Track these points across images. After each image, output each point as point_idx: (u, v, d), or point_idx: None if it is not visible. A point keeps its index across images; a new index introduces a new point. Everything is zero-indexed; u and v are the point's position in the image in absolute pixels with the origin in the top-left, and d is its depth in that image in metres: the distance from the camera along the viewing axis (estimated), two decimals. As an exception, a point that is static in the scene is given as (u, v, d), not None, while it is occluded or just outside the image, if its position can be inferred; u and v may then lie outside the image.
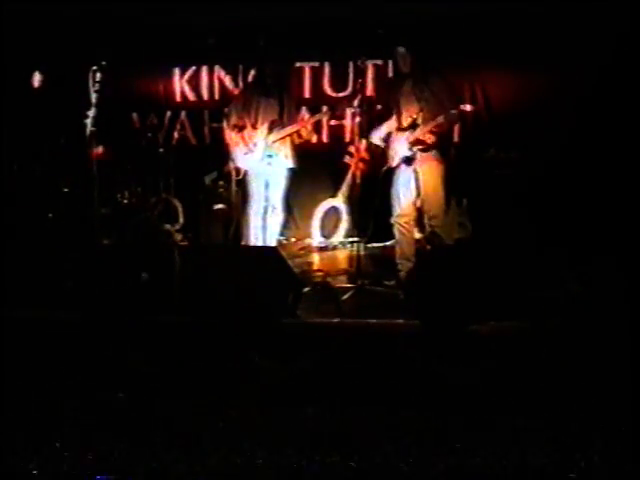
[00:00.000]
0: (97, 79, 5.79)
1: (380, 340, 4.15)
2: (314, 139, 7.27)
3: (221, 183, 6.87)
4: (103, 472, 2.80)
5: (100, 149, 6.21)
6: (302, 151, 6.29)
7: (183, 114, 7.58)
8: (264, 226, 6.17)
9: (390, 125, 5.79)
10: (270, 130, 6.00)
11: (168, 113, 7.55)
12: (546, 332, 4.02)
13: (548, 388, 3.53)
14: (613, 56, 6.43)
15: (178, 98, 7.59)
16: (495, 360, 3.77)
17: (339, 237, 7.14)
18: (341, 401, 3.56)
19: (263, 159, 6.02)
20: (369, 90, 6.99)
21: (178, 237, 6.90)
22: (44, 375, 3.90)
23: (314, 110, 7.12)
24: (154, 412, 3.45)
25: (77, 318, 4.47)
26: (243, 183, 6.22)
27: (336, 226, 7.17)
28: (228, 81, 7.50)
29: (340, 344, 4.08)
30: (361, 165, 6.29)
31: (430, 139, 5.54)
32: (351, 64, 7.14)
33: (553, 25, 6.60)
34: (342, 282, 5.70)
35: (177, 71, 7.56)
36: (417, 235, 7.03)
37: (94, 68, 5.97)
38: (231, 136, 6.07)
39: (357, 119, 6.07)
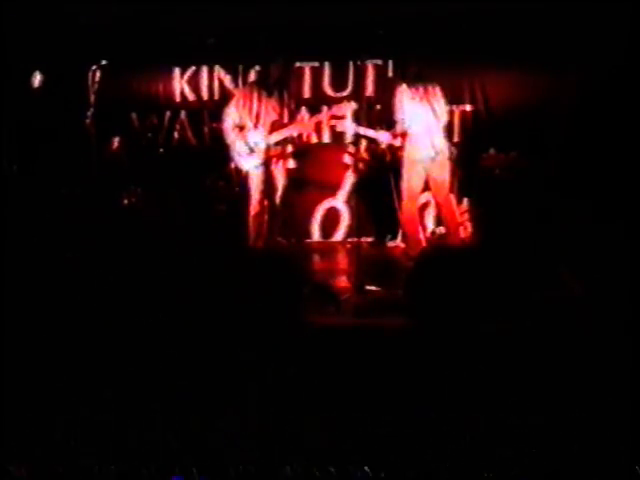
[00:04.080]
0: (97, 79, 5.79)
1: (380, 340, 4.15)
2: (314, 139, 7.29)
3: (221, 183, 6.88)
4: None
5: (116, 142, 6.22)
6: (302, 151, 6.30)
7: (183, 114, 7.58)
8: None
9: None
10: (270, 130, 6.00)
11: (168, 113, 7.55)
12: (546, 333, 4.02)
13: (549, 388, 3.53)
14: (613, 56, 6.43)
15: (178, 98, 7.59)
16: (495, 360, 3.77)
17: (339, 237, 7.15)
18: (340, 401, 3.56)
19: (263, 159, 6.02)
20: (369, 90, 7.02)
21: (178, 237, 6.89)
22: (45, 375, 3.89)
23: (314, 110, 7.13)
24: (154, 412, 3.44)
25: (78, 317, 4.46)
26: (243, 183, 6.23)
27: (336, 226, 7.18)
28: (228, 81, 7.51)
29: (340, 344, 4.08)
30: (361, 165, 6.30)
31: None
32: (351, 64, 7.15)
33: (553, 25, 6.61)
34: (342, 282, 5.71)
35: (177, 71, 7.56)
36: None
37: (94, 68, 5.98)
38: (231, 136, 6.07)
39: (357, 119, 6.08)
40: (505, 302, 4.33)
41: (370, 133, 6.16)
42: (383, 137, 6.11)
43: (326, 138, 7.45)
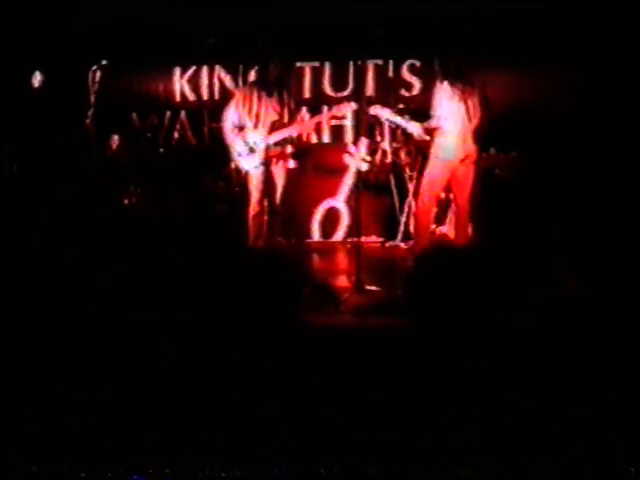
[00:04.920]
0: (97, 79, 5.79)
1: (380, 340, 4.15)
2: (314, 139, 7.30)
3: (221, 183, 6.88)
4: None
5: (115, 140, 6.21)
6: (302, 151, 6.30)
7: (183, 114, 7.59)
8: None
9: None
10: (270, 130, 6.00)
11: (168, 113, 7.56)
12: (547, 333, 4.02)
13: (548, 387, 3.53)
14: (613, 55, 6.43)
15: (178, 98, 7.60)
16: (495, 360, 3.77)
17: (339, 237, 7.15)
18: (340, 400, 3.56)
19: (263, 159, 6.02)
20: (369, 90, 7.02)
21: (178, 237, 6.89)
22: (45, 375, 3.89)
23: (314, 110, 7.13)
24: (154, 412, 3.44)
25: (78, 317, 4.46)
26: (243, 183, 6.22)
27: (336, 226, 7.18)
28: (228, 81, 7.51)
29: (340, 344, 4.08)
30: (361, 165, 6.30)
31: None
32: (351, 64, 7.16)
33: (553, 25, 6.61)
34: (342, 282, 5.71)
35: (177, 71, 7.57)
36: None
37: (94, 68, 5.98)
38: (231, 136, 6.06)
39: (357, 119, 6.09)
40: (505, 302, 4.33)
41: (399, 121, 6.09)
42: (413, 128, 6.01)
43: (326, 138, 7.45)
